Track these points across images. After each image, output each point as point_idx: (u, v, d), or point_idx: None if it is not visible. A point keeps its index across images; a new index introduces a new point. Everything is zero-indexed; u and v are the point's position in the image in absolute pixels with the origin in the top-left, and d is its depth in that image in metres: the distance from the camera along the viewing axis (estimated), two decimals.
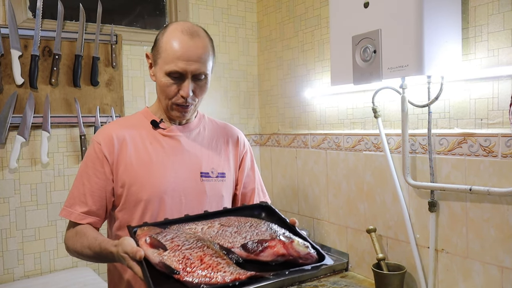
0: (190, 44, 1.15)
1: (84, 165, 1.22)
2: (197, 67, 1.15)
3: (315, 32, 2.18)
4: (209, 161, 1.28)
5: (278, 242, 0.94)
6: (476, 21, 1.44)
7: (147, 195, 1.19)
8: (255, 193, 1.38)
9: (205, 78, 1.19)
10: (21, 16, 1.94)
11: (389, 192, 1.78)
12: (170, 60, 1.15)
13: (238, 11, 2.58)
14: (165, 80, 1.17)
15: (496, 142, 1.39)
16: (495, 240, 1.41)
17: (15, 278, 1.93)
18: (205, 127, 1.35)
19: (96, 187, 1.20)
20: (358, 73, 1.59)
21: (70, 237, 1.20)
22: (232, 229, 1.02)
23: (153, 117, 1.27)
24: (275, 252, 0.93)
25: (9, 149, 1.91)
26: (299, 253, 0.93)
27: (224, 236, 1.00)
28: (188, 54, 1.14)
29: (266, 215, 1.17)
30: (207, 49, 1.19)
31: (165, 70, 1.16)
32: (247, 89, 2.64)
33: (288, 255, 0.93)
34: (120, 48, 2.17)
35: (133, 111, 2.19)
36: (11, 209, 1.92)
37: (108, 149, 1.20)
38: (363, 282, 1.85)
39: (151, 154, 1.22)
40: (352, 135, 1.96)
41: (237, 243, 0.96)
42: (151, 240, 0.93)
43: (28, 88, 1.93)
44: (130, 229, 1.04)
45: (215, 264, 0.86)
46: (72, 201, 1.21)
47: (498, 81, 1.39)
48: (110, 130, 1.24)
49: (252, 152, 1.44)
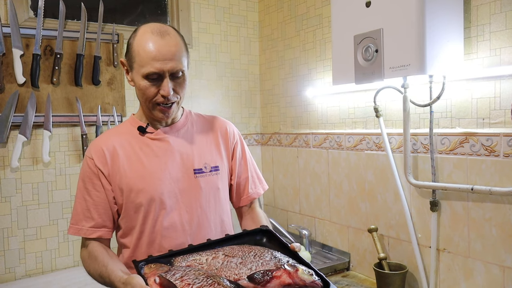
0: (162, 43, 1.15)
1: (82, 182, 1.25)
2: (173, 65, 1.16)
3: (316, 32, 2.17)
4: (201, 157, 1.30)
5: (284, 272, 0.96)
6: (478, 20, 1.44)
7: (145, 200, 1.22)
8: (249, 181, 1.40)
9: (183, 74, 1.20)
10: (22, 15, 1.94)
11: (391, 191, 1.78)
12: (145, 62, 1.15)
13: (239, 10, 2.58)
14: (143, 83, 1.17)
15: (498, 142, 1.38)
16: (497, 239, 1.41)
17: (17, 277, 1.93)
18: (193, 124, 1.36)
19: (98, 200, 1.23)
20: (359, 73, 1.58)
21: (84, 259, 1.24)
22: (237, 259, 1.04)
23: (139, 123, 1.29)
24: (281, 282, 0.95)
25: (10, 148, 1.91)
26: (304, 281, 0.95)
27: (230, 268, 1.02)
28: (162, 54, 1.14)
29: (267, 240, 1.20)
30: (180, 46, 1.19)
31: (142, 73, 1.16)
32: (249, 88, 2.64)
33: (294, 284, 0.95)
34: (121, 47, 2.17)
35: (134, 110, 2.20)
36: (12, 208, 1.93)
37: (101, 162, 1.22)
38: (364, 281, 1.85)
39: (143, 159, 1.24)
40: (353, 135, 1.95)
41: (243, 275, 0.98)
42: (161, 280, 0.93)
43: (29, 87, 1.94)
44: (136, 264, 1.06)
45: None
46: (77, 217, 1.24)
47: (500, 80, 1.39)
48: (99, 143, 1.26)
49: (244, 141, 1.45)
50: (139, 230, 1.24)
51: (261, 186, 1.46)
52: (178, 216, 1.25)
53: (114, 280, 1.06)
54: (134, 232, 1.24)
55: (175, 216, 1.24)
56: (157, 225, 1.23)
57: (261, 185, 1.46)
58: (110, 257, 1.18)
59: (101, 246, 1.22)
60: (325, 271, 1.92)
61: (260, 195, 1.45)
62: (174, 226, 1.24)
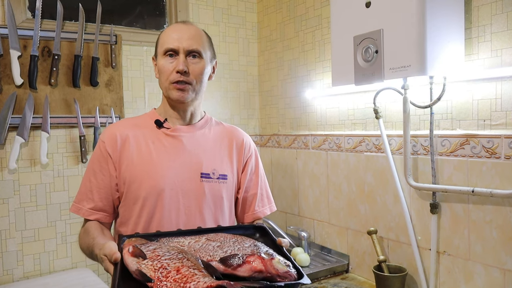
0: (183, 27, 1.25)
1: (91, 163, 1.28)
2: (189, 43, 1.22)
3: (316, 33, 2.16)
4: (211, 162, 1.28)
5: (257, 258, 0.93)
6: (479, 21, 1.43)
7: (145, 193, 1.22)
8: (257, 198, 1.36)
9: (200, 57, 1.25)
10: (20, 16, 1.93)
11: (390, 193, 1.77)
12: (165, 41, 1.24)
13: (238, 11, 2.57)
14: (162, 62, 1.24)
15: (499, 144, 1.37)
16: (498, 242, 1.40)
17: (15, 279, 1.92)
18: (211, 129, 1.36)
19: (102, 184, 1.24)
20: (359, 74, 1.58)
21: (79, 236, 1.25)
22: (215, 243, 1.02)
23: (158, 117, 1.31)
24: (252, 267, 0.91)
25: (8, 149, 1.90)
26: (277, 270, 0.91)
27: (207, 250, 1.00)
28: (181, 33, 1.23)
29: (260, 236, 1.16)
30: (201, 33, 1.27)
31: (161, 52, 1.24)
32: (247, 89, 2.63)
33: (266, 272, 0.91)
34: (119, 49, 2.16)
35: (133, 111, 2.19)
36: (10, 210, 1.91)
37: (112, 147, 1.25)
38: (363, 284, 1.84)
39: (152, 152, 1.25)
40: (353, 136, 1.94)
41: (216, 257, 0.95)
42: (133, 249, 0.94)
43: (27, 89, 1.92)
44: (120, 237, 1.06)
45: (190, 275, 0.84)
46: (80, 197, 1.26)
47: (501, 81, 1.38)
48: (115, 129, 1.28)
49: (259, 157, 1.41)
50: (134, 222, 1.24)
51: (269, 206, 1.40)
52: (176, 217, 1.24)
53: (94, 247, 1.07)
54: (129, 223, 1.25)
55: (172, 215, 1.23)
56: (153, 220, 1.23)
57: (269, 205, 1.40)
58: (103, 233, 1.18)
59: (98, 224, 1.23)
60: (324, 273, 1.91)
61: (266, 215, 1.38)
62: (170, 225, 1.23)
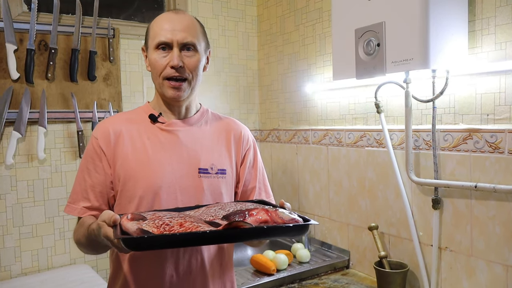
0: (175, 17, 1.17)
1: (85, 161, 1.22)
2: (183, 35, 1.15)
3: (316, 26, 2.14)
4: (209, 157, 1.24)
5: (262, 209, 0.92)
6: (483, 14, 1.40)
7: (142, 191, 1.17)
8: (255, 192, 1.33)
9: (195, 50, 1.18)
10: (16, 10, 1.90)
11: (392, 188, 1.75)
12: (156, 33, 1.17)
13: (237, 4, 2.54)
14: (154, 56, 1.17)
15: (503, 138, 1.35)
16: (500, 238, 1.38)
17: (13, 275, 1.91)
18: (207, 122, 1.31)
19: (97, 182, 1.20)
20: (361, 67, 1.55)
21: (75, 231, 1.20)
22: (217, 207, 1.01)
23: (152, 111, 1.25)
24: (257, 219, 0.90)
25: (5, 145, 1.88)
26: (283, 219, 0.90)
27: (208, 213, 0.98)
28: (174, 24, 1.16)
29: None
30: (194, 23, 1.20)
31: (153, 45, 1.17)
32: (247, 84, 2.60)
33: (271, 222, 0.90)
34: (117, 42, 2.13)
35: (131, 106, 2.17)
36: (7, 206, 1.90)
37: (105, 143, 1.20)
38: (364, 280, 1.83)
39: (148, 149, 1.20)
40: (354, 131, 1.92)
41: (219, 216, 0.93)
42: (132, 215, 0.91)
43: (24, 83, 1.90)
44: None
45: (195, 227, 0.83)
46: (75, 196, 1.21)
47: (505, 75, 1.35)
48: (107, 124, 1.23)
49: (257, 150, 1.37)
50: None
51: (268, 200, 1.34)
52: None
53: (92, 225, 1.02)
54: None
55: None
56: None
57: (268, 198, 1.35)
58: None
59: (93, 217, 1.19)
60: (325, 269, 1.90)
61: None
62: None
